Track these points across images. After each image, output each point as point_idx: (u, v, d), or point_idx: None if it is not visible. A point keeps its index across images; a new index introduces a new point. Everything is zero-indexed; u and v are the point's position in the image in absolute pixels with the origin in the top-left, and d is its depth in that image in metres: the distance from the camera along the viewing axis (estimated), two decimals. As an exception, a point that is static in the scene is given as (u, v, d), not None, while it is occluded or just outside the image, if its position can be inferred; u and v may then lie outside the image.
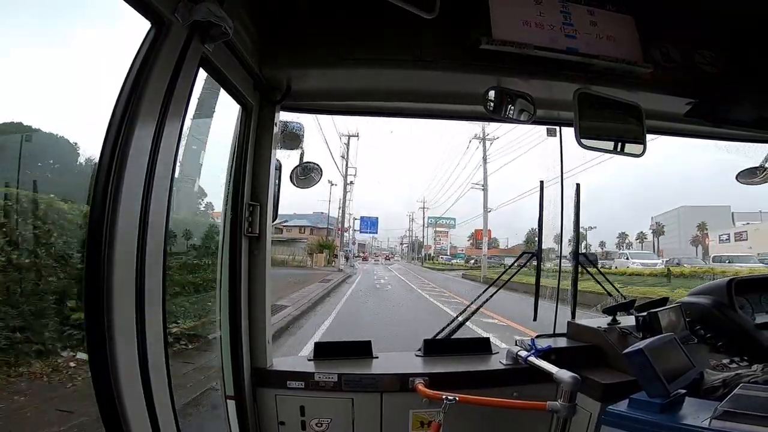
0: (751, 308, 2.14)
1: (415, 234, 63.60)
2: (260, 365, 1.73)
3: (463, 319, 2.17)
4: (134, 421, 0.96)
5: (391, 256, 72.77)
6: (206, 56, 1.18)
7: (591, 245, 52.33)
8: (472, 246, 56.50)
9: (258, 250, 1.72)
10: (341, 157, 31.05)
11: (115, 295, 0.92)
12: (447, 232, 58.01)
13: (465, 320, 2.17)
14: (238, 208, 1.65)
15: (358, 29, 1.60)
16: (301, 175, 1.93)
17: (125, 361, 0.94)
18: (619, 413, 1.19)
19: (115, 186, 0.93)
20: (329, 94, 1.88)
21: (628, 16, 1.67)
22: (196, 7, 1.03)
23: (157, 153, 1.01)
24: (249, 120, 1.66)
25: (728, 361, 1.75)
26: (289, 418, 1.71)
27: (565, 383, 1.44)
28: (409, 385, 1.68)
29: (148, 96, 0.98)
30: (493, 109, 1.68)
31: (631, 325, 1.90)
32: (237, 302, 1.64)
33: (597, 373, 1.69)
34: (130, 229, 0.96)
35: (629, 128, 1.70)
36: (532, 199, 27.81)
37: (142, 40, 1.00)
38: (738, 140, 2.25)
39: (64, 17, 3.38)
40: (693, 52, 1.76)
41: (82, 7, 4.18)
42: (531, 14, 1.55)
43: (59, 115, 5.38)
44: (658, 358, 1.20)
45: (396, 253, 76.19)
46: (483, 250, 28.86)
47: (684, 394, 1.22)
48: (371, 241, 75.82)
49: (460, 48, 1.58)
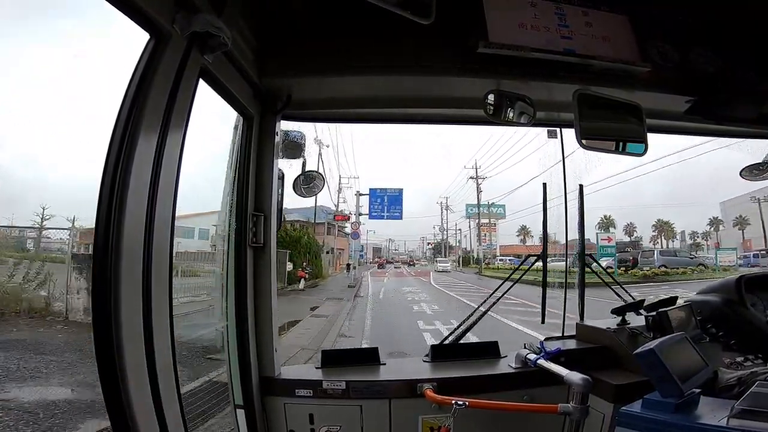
0: (763, 305, 2.10)
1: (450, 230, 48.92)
2: (268, 374, 1.73)
3: (470, 324, 2.15)
4: (144, 429, 0.96)
5: (414, 260, 58.51)
6: (206, 67, 1.20)
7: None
8: (521, 243, 46.48)
9: (263, 260, 1.73)
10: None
11: (122, 305, 0.93)
12: (495, 224, 40.75)
13: (472, 325, 2.15)
14: (242, 219, 1.66)
15: (357, 37, 1.62)
16: (303, 184, 1.94)
17: (134, 369, 0.95)
18: (633, 414, 1.17)
19: (120, 197, 0.93)
20: (330, 102, 1.90)
21: (622, 16, 1.68)
22: (194, 18, 1.05)
23: (160, 165, 1.02)
24: (250, 130, 1.68)
25: (742, 359, 1.73)
26: (298, 426, 1.70)
27: (576, 385, 1.42)
28: (418, 390, 1.67)
29: (149, 107, 1.00)
30: (492, 113, 1.68)
31: (641, 325, 1.88)
32: (243, 312, 1.65)
33: (608, 374, 1.67)
34: (135, 238, 0.97)
35: (630, 128, 1.69)
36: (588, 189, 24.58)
37: (142, 52, 1.02)
38: (739, 137, 2.25)
39: (62, 30, 3.47)
40: (690, 51, 1.77)
41: (81, 19, 4.29)
42: (526, 16, 1.57)
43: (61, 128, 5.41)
44: (670, 358, 1.18)
45: (415, 258, 61.62)
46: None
47: (699, 394, 1.20)
48: (387, 244, 65.20)
49: (458, 53, 1.60)
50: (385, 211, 26.63)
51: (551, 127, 2.27)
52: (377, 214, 27.04)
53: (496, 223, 40.68)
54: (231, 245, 1.68)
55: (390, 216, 26.97)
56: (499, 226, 41.81)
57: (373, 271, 36.50)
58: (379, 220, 28.17)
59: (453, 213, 47.31)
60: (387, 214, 26.83)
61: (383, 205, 26.63)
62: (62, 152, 23.17)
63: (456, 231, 47.96)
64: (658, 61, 1.71)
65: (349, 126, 29.11)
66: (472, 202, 39.13)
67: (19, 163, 14.68)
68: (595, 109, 1.63)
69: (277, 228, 1.79)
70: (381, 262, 48.28)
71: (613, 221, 51.54)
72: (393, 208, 26.71)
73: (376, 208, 26.76)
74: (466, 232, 46.45)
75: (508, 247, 43.80)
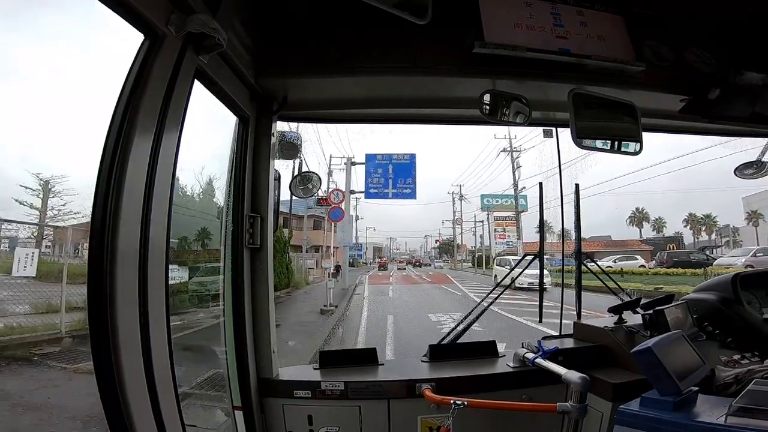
0: (759, 303, 2.12)
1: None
2: (266, 375, 1.73)
3: (468, 323, 2.15)
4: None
5: (420, 260, 52.14)
6: (201, 68, 1.19)
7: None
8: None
9: (260, 261, 1.73)
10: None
11: (118, 309, 0.92)
12: (515, 219, 33.23)
13: (469, 325, 2.14)
14: (239, 220, 1.65)
15: (354, 38, 1.62)
16: (300, 185, 1.94)
17: (131, 375, 0.94)
18: (632, 412, 1.17)
19: (115, 199, 0.93)
20: (326, 103, 1.89)
21: (617, 16, 1.69)
22: (189, 18, 1.04)
23: (156, 166, 1.02)
24: (246, 131, 1.67)
25: (739, 357, 1.74)
26: (296, 427, 1.70)
27: (574, 384, 1.42)
28: (416, 390, 1.67)
29: (144, 109, 0.99)
30: (488, 113, 1.69)
31: (637, 324, 1.89)
32: (241, 313, 1.64)
33: (606, 373, 1.67)
34: (131, 240, 0.96)
35: (625, 126, 1.70)
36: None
37: (136, 53, 1.01)
38: (733, 135, 2.26)
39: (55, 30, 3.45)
40: (685, 50, 1.78)
41: (74, 20, 4.26)
42: (522, 16, 1.57)
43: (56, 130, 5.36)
44: (668, 356, 1.19)
45: (418, 258, 55.92)
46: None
47: (696, 392, 1.20)
48: (388, 243, 61.29)
49: (454, 53, 1.60)
50: (389, 186, 17.71)
51: (547, 126, 2.28)
52: (377, 191, 18.13)
53: (517, 217, 32.89)
54: (228, 247, 1.67)
55: (398, 193, 17.86)
56: (521, 221, 33.24)
57: (374, 273, 31.07)
58: (382, 200, 19.91)
59: (468, 203, 40.68)
60: (393, 191, 17.86)
61: (386, 178, 17.80)
62: (56, 154, 22.90)
63: (474, 224, 39.02)
64: (652, 61, 1.72)
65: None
66: (488, 192, 33.05)
67: (11, 163, 14.57)
68: (591, 109, 1.64)
69: (273, 230, 1.79)
70: (383, 263, 42.79)
71: (647, 214, 48.48)
72: (402, 182, 17.85)
73: (375, 182, 17.93)
74: (473, 229, 40.42)
75: (530, 245, 33.04)
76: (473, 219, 39.24)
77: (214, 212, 6.20)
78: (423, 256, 60.32)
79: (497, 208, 33.31)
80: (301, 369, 1.92)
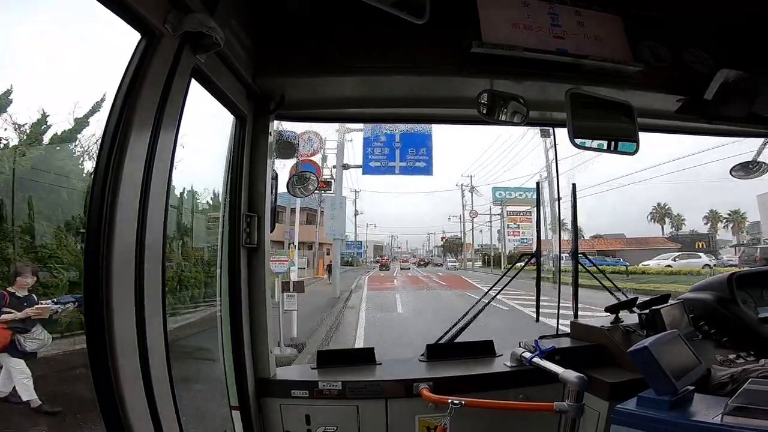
0: (754, 302, 2.13)
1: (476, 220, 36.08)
2: (264, 375, 1.72)
3: (465, 323, 2.15)
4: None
5: (426, 260, 49.35)
6: (198, 67, 1.19)
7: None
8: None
9: (257, 261, 1.72)
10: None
11: (114, 310, 0.92)
12: (528, 214, 29.82)
13: (466, 324, 2.15)
14: (236, 220, 1.64)
15: (352, 37, 1.61)
16: (297, 184, 1.93)
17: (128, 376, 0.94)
18: (628, 412, 1.18)
19: (111, 198, 0.92)
20: (324, 102, 1.89)
21: (615, 16, 1.70)
22: (186, 17, 1.04)
23: (152, 166, 1.01)
24: (243, 130, 1.66)
25: (735, 356, 1.75)
26: (294, 427, 1.70)
27: (571, 383, 1.43)
28: (414, 390, 1.67)
29: (141, 108, 0.99)
30: (486, 113, 1.69)
31: (634, 323, 1.89)
32: (238, 313, 1.64)
33: (603, 372, 1.68)
34: (127, 240, 0.96)
35: (621, 126, 1.70)
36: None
37: (133, 51, 1.01)
38: (730, 135, 2.27)
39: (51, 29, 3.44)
40: (682, 51, 1.78)
41: (71, 18, 4.24)
42: (519, 16, 1.57)
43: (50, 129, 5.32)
44: (664, 355, 1.19)
45: (420, 257, 53.52)
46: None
47: (693, 391, 1.21)
48: (389, 241, 58.31)
49: (452, 52, 1.60)
50: (396, 158, 13.87)
51: (544, 126, 2.29)
52: (380, 165, 14.20)
53: (531, 212, 29.34)
54: (225, 246, 1.66)
55: (408, 168, 14.01)
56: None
57: (374, 275, 27.70)
58: (386, 176, 15.48)
59: (480, 196, 35.84)
60: (402, 164, 13.98)
61: (392, 148, 14.09)
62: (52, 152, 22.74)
63: (490, 217, 34.31)
64: (649, 61, 1.73)
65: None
66: (499, 186, 29.95)
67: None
68: (587, 109, 1.64)
69: (271, 229, 1.78)
70: (384, 262, 39.11)
71: (669, 210, 45.43)
72: (414, 153, 14.03)
73: (377, 153, 14.03)
74: (481, 226, 36.85)
75: (546, 242, 31.94)
76: (488, 212, 35.30)
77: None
78: (425, 255, 58.04)
79: (511, 202, 30.54)
80: (298, 369, 1.92)
